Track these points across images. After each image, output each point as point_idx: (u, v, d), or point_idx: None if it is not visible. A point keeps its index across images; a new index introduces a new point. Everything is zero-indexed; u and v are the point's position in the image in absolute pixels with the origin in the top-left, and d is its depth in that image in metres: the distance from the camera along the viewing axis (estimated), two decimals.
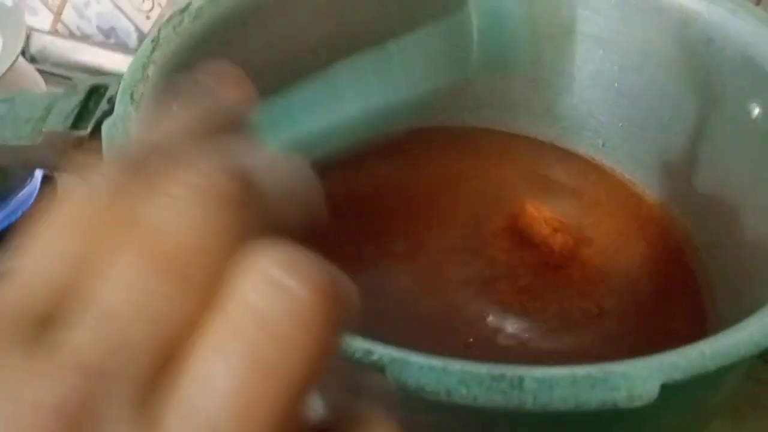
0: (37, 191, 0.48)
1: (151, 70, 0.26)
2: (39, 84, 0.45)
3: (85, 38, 0.63)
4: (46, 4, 0.63)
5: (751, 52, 0.28)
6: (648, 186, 0.35)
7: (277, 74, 0.34)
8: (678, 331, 0.28)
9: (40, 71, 0.47)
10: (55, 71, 0.56)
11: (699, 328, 0.28)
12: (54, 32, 0.63)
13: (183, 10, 0.29)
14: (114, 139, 0.23)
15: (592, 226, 0.34)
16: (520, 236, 0.33)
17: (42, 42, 0.59)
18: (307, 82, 0.23)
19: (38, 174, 0.48)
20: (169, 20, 0.29)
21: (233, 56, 0.31)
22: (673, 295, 0.32)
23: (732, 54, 0.29)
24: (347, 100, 0.23)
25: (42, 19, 0.63)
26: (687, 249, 0.33)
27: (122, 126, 0.24)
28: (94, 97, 0.27)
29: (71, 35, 0.64)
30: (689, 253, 0.32)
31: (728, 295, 0.29)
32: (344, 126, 0.23)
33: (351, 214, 0.35)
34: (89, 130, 0.26)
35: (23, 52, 0.58)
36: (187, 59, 0.29)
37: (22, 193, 0.47)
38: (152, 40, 0.28)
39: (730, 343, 0.18)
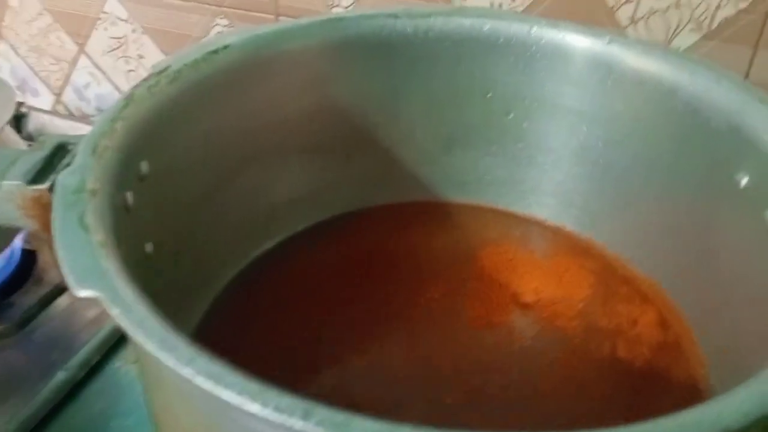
0: (17, 263, 0.47)
1: (119, 125, 0.26)
2: None
3: (83, 118, 0.64)
4: (48, 86, 0.65)
5: (736, 121, 0.27)
6: (639, 263, 0.34)
7: (254, 142, 0.34)
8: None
9: None
10: None
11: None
12: (54, 112, 0.64)
13: (161, 72, 0.29)
14: (68, 188, 0.22)
15: (578, 304, 0.33)
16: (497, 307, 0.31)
17: (40, 121, 0.60)
18: None
19: (17, 245, 0.47)
20: (145, 80, 0.28)
21: (207, 120, 0.31)
22: (667, 372, 0.30)
23: (717, 124, 0.28)
24: None
25: (43, 100, 0.65)
26: (679, 327, 0.31)
27: (79, 175, 0.23)
28: (59, 154, 0.27)
29: (70, 115, 0.65)
30: (682, 331, 0.30)
31: (722, 372, 0.27)
32: None
33: (346, 279, 0.34)
34: (49, 185, 0.25)
35: (20, 130, 0.59)
36: (159, 119, 0.28)
37: None
38: (125, 98, 0.27)
39: (714, 412, 0.16)
